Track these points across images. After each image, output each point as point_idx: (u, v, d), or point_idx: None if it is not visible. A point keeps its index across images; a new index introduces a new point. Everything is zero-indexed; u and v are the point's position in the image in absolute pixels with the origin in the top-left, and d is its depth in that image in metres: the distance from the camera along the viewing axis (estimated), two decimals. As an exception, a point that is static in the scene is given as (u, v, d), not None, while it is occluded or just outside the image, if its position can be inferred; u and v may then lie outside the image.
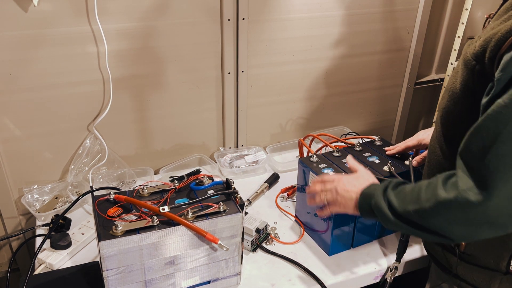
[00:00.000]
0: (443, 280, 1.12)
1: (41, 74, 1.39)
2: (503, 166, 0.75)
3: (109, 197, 1.09)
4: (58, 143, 1.51)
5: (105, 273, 1.01)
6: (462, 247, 1.03)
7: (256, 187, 1.59)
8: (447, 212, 0.82)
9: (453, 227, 0.83)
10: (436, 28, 1.93)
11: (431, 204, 0.84)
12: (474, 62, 0.86)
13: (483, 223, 0.80)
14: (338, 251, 1.31)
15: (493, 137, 0.76)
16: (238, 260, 1.15)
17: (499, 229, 0.81)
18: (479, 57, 0.85)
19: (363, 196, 1.02)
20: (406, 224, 0.91)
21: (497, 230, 0.81)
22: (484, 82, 0.83)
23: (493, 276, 1.01)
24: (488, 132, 0.77)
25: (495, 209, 0.77)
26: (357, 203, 1.03)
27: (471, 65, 0.87)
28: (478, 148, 0.78)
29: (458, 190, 0.80)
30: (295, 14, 1.64)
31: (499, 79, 0.77)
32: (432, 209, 0.84)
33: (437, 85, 2.04)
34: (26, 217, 1.57)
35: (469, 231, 0.83)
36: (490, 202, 0.77)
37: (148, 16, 1.44)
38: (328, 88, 1.85)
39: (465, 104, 0.90)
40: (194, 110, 1.66)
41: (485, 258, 1.00)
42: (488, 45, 0.82)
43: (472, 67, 0.87)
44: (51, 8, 1.32)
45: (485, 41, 0.83)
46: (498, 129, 0.75)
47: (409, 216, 0.89)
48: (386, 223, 0.96)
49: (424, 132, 1.32)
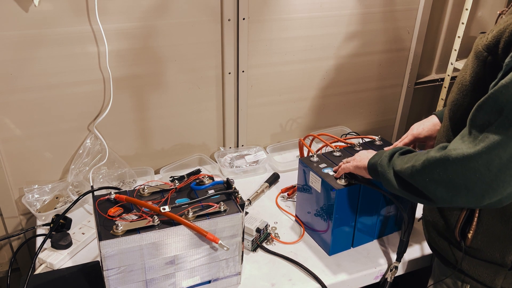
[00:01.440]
0: (447, 276, 1.12)
1: (42, 74, 1.39)
2: (495, 135, 0.78)
3: (109, 197, 1.09)
4: (59, 143, 1.51)
5: (106, 273, 1.01)
6: (468, 241, 1.03)
7: (257, 187, 1.59)
8: (430, 169, 0.86)
9: (434, 187, 0.86)
10: (436, 28, 1.93)
11: (420, 162, 0.89)
12: (486, 53, 0.88)
13: (461, 185, 0.82)
14: (338, 251, 1.31)
15: (497, 112, 0.78)
16: (239, 260, 1.15)
17: (475, 195, 0.82)
18: (491, 48, 0.87)
19: (373, 157, 1.09)
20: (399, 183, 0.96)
21: (474, 196, 0.82)
22: (495, 72, 0.84)
23: (497, 272, 1.01)
24: (493, 108, 0.79)
25: (472, 170, 0.80)
26: (368, 161, 1.10)
27: (482, 57, 0.89)
28: (483, 120, 0.81)
29: (445, 150, 0.84)
30: (295, 14, 1.64)
31: (508, 64, 0.79)
32: (419, 165, 0.89)
33: (437, 85, 2.04)
34: (27, 216, 1.57)
35: (448, 192, 0.85)
36: (469, 163, 0.79)
37: (148, 16, 1.44)
38: (328, 88, 1.85)
39: (474, 97, 0.90)
40: (195, 110, 1.66)
41: (491, 252, 1.00)
42: (502, 36, 0.84)
43: (484, 59, 0.88)
44: (52, 8, 1.32)
45: (498, 32, 0.85)
46: (501, 105, 0.77)
47: (402, 173, 0.94)
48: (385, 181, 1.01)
49: (418, 126, 1.31)
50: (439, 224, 1.10)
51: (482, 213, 1.00)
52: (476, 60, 0.91)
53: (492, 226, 0.99)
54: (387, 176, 0.99)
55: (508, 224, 0.97)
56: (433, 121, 1.28)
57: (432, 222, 1.13)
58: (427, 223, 1.16)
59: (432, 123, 1.28)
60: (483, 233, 1.01)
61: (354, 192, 1.22)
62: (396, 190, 0.98)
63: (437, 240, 1.13)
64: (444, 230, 1.09)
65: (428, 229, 1.16)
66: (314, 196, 1.30)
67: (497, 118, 0.78)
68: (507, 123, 0.77)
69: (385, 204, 1.31)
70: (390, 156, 1.02)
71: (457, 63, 1.84)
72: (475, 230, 1.01)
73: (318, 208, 1.29)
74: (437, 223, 1.11)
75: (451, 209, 1.06)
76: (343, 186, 1.20)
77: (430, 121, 1.29)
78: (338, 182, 1.21)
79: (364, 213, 1.28)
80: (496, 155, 0.77)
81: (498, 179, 0.79)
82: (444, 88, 1.92)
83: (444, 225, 1.09)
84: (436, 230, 1.12)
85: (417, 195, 0.93)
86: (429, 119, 1.30)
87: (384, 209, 1.32)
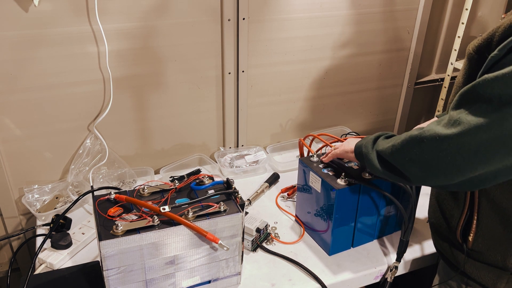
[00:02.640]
0: (451, 278, 1.12)
1: (42, 74, 1.39)
2: (467, 122, 0.81)
3: (109, 197, 1.09)
4: (59, 143, 1.51)
5: (106, 273, 1.01)
6: (470, 244, 1.03)
7: (257, 187, 1.59)
8: (408, 147, 0.90)
9: (410, 165, 0.91)
10: (436, 28, 1.93)
11: (399, 140, 0.93)
12: (476, 55, 0.91)
13: (434, 165, 0.86)
14: (338, 251, 1.31)
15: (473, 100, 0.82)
16: (239, 260, 1.15)
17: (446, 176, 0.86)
18: (481, 50, 0.90)
19: (360, 140, 1.12)
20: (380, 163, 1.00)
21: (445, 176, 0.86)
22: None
23: (500, 275, 1.01)
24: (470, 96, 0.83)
25: (444, 152, 0.83)
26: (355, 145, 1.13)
27: (473, 59, 0.92)
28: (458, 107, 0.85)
29: (421, 130, 0.88)
30: (295, 14, 1.64)
31: (493, 56, 0.83)
32: (399, 144, 0.93)
33: (437, 85, 2.04)
34: (27, 217, 1.57)
35: (422, 172, 0.89)
36: (441, 144, 0.83)
37: (148, 16, 1.44)
38: (328, 88, 1.85)
39: None
40: (195, 110, 1.66)
41: (493, 255, 1.01)
42: (492, 39, 0.87)
43: (474, 60, 0.92)
44: (52, 8, 1.32)
45: (488, 34, 0.88)
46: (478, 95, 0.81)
47: (383, 152, 0.98)
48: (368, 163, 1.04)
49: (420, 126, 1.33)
50: (442, 227, 1.10)
51: (481, 216, 1.00)
52: (467, 62, 0.94)
53: (492, 229, 0.99)
54: (369, 157, 1.03)
55: (507, 226, 0.97)
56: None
57: (436, 224, 1.14)
58: (431, 225, 1.17)
59: None
60: (483, 236, 1.01)
61: (354, 192, 1.22)
62: (378, 171, 1.01)
63: (441, 242, 1.13)
64: (447, 233, 1.09)
65: (433, 231, 1.17)
66: (314, 196, 1.30)
67: (471, 106, 0.82)
68: (479, 112, 0.80)
69: (385, 204, 1.31)
70: (375, 139, 1.07)
71: (457, 63, 1.84)
72: (475, 233, 1.02)
73: (318, 208, 1.29)
74: (440, 226, 1.11)
75: (451, 212, 1.06)
76: (343, 186, 1.20)
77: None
78: (338, 182, 1.21)
79: (364, 213, 1.28)
80: (466, 141, 0.81)
81: (467, 163, 0.82)
82: (444, 88, 1.92)
83: (446, 228, 1.09)
84: (440, 232, 1.13)
85: (396, 174, 0.96)
86: (431, 121, 1.31)
87: (384, 209, 1.32)
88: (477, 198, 1.00)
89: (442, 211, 1.10)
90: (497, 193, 0.96)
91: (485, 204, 0.99)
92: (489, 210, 0.98)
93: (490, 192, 0.97)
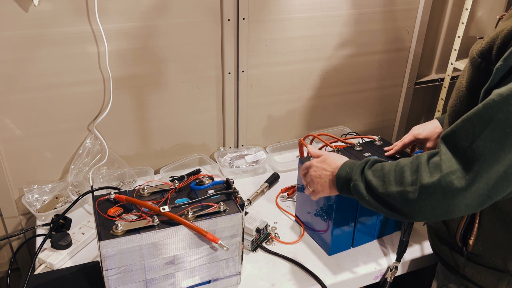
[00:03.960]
0: (450, 281, 1.12)
1: (41, 74, 1.39)
2: (489, 152, 0.77)
3: (109, 197, 1.09)
4: (59, 143, 1.51)
5: (106, 273, 1.01)
6: (470, 247, 1.02)
7: (256, 187, 1.59)
8: (427, 196, 0.83)
9: (430, 210, 0.84)
10: (436, 28, 1.93)
11: (415, 188, 0.85)
12: (480, 59, 0.88)
13: (457, 206, 0.81)
14: (338, 251, 1.31)
15: (484, 123, 0.78)
16: (238, 260, 1.15)
17: (474, 207, 0.82)
18: (484, 55, 0.87)
19: (340, 176, 1.02)
20: (380, 204, 0.92)
21: (472, 208, 0.82)
22: (488, 79, 0.84)
23: (500, 278, 1.01)
24: (480, 119, 0.79)
25: (473, 194, 0.79)
26: (334, 185, 1.04)
27: (476, 63, 0.89)
28: (467, 133, 0.80)
29: (441, 173, 0.81)
30: (295, 14, 1.64)
31: (498, 68, 0.80)
32: (416, 193, 0.85)
33: (437, 85, 2.04)
34: (27, 217, 1.57)
35: (446, 212, 0.84)
36: (472, 187, 0.79)
37: (148, 16, 1.44)
38: (328, 88, 1.85)
39: (470, 103, 0.90)
40: (194, 110, 1.66)
41: (493, 258, 1.00)
42: (495, 42, 0.84)
43: (478, 65, 0.88)
44: (52, 8, 1.32)
45: (491, 38, 0.85)
46: (490, 116, 0.77)
47: (390, 197, 0.89)
48: (363, 202, 0.97)
49: (419, 127, 1.31)
50: (441, 230, 1.10)
51: (482, 219, 0.99)
52: (471, 66, 0.91)
53: (493, 233, 0.99)
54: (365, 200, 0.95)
55: (509, 230, 0.96)
56: (435, 124, 1.29)
57: (434, 228, 1.13)
58: (429, 229, 1.17)
59: (433, 126, 1.29)
60: (484, 239, 1.00)
61: (354, 192, 1.22)
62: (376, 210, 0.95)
63: (439, 245, 1.12)
64: (446, 236, 1.09)
65: (431, 234, 1.16)
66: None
67: (483, 129, 0.78)
68: (497, 134, 0.77)
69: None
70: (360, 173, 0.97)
71: (457, 63, 1.84)
72: (476, 237, 1.01)
73: (318, 208, 1.29)
74: (440, 229, 1.10)
75: None
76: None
77: (432, 124, 1.30)
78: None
79: (364, 213, 1.28)
80: (495, 170, 0.78)
81: (496, 190, 0.80)
82: (444, 88, 1.92)
83: (446, 231, 1.08)
84: (439, 236, 1.12)
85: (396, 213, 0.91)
86: (431, 122, 1.31)
87: (384, 209, 1.31)
88: None
89: None
90: None
91: (487, 208, 0.98)
92: (492, 214, 0.97)
93: None
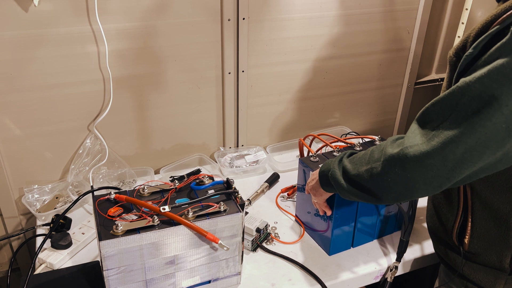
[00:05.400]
0: (450, 280, 1.12)
1: (41, 74, 1.39)
2: (449, 133, 0.79)
3: (109, 197, 1.09)
4: (59, 142, 1.51)
5: (106, 273, 1.01)
6: (466, 246, 1.03)
7: (256, 186, 1.59)
8: (389, 168, 0.87)
9: (393, 185, 0.87)
10: (436, 28, 1.93)
11: (379, 162, 0.89)
12: (455, 58, 0.91)
13: (419, 180, 0.83)
14: (338, 251, 1.31)
15: (451, 107, 0.81)
16: (239, 260, 1.15)
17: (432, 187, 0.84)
18: (459, 53, 0.90)
19: (321, 171, 1.10)
20: (353, 187, 0.96)
21: (432, 188, 0.84)
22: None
23: (498, 276, 1.01)
24: (448, 103, 0.81)
25: (428, 170, 0.81)
26: (319, 183, 1.11)
27: (452, 62, 0.92)
28: (437, 115, 0.83)
29: (403, 146, 0.85)
30: (295, 14, 1.64)
31: (467, 55, 0.83)
32: (379, 166, 0.89)
33: (437, 85, 2.04)
34: (27, 216, 1.57)
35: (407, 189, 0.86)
36: (426, 161, 0.81)
37: (148, 16, 1.44)
38: (328, 88, 1.85)
39: None
40: (194, 110, 1.66)
41: (489, 256, 1.01)
42: (468, 40, 0.87)
43: (454, 64, 0.91)
44: (52, 8, 1.32)
45: (465, 37, 0.89)
46: (455, 101, 0.80)
47: (360, 177, 0.94)
48: (341, 191, 1.01)
49: None
50: (439, 230, 1.11)
51: (475, 217, 1.00)
52: (449, 66, 0.94)
53: (486, 230, 1.00)
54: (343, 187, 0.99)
55: (501, 227, 0.97)
56: None
57: (433, 228, 1.14)
58: (429, 229, 1.18)
59: None
60: (478, 237, 1.01)
61: (354, 192, 1.22)
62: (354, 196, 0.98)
63: (439, 245, 1.14)
64: (444, 236, 1.10)
65: (431, 234, 1.17)
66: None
67: (450, 113, 0.80)
68: (460, 118, 0.79)
69: (385, 204, 1.31)
70: (338, 162, 1.04)
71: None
72: (470, 235, 1.02)
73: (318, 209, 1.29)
74: (438, 229, 1.12)
75: (447, 215, 1.07)
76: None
77: None
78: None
79: (364, 213, 1.28)
80: (451, 151, 0.79)
81: (454, 171, 0.81)
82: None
83: (443, 231, 1.09)
84: (437, 236, 1.13)
85: (368, 194, 0.94)
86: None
87: (384, 209, 1.32)
88: (470, 200, 1.00)
89: (438, 215, 1.11)
90: (487, 194, 0.96)
91: (478, 205, 0.99)
92: (482, 211, 0.99)
93: (482, 194, 0.98)
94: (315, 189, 1.16)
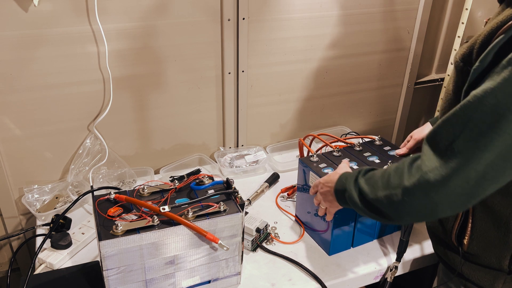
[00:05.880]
0: (449, 280, 1.13)
1: (41, 74, 1.39)
2: (466, 151, 0.77)
3: (109, 197, 1.09)
4: (59, 142, 1.51)
5: (106, 273, 1.01)
6: (465, 247, 1.03)
7: (256, 186, 1.59)
8: (411, 198, 0.83)
9: (415, 211, 0.84)
10: (436, 28, 1.93)
11: (400, 188, 0.85)
12: (462, 63, 0.89)
13: (443, 202, 0.81)
14: (338, 251, 1.31)
15: (462, 124, 0.78)
16: (238, 260, 1.15)
17: (458, 206, 0.82)
18: (465, 58, 0.88)
19: (336, 189, 1.05)
20: (372, 212, 0.93)
21: (457, 207, 0.82)
22: None
23: (497, 276, 1.01)
24: (459, 119, 0.79)
25: (452, 191, 0.79)
26: (335, 197, 1.07)
27: (459, 67, 0.90)
28: (448, 133, 0.81)
29: (421, 172, 0.82)
30: (295, 14, 1.64)
31: (475, 68, 0.81)
32: (401, 193, 0.85)
33: (437, 85, 2.04)
34: (27, 216, 1.57)
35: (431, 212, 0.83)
36: (449, 183, 0.79)
37: (148, 16, 1.44)
38: (328, 88, 1.85)
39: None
40: (194, 110, 1.66)
41: (488, 257, 1.01)
42: (474, 46, 0.86)
43: (460, 69, 0.90)
44: (52, 8, 1.32)
45: (471, 42, 0.88)
46: (467, 116, 0.78)
47: (378, 202, 0.90)
48: (358, 210, 0.98)
49: (418, 131, 1.34)
50: (439, 230, 1.11)
51: (475, 219, 1.00)
52: (455, 70, 0.93)
53: (486, 232, 1.00)
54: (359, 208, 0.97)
55: (501, 229, 0.97)
56: (430, 127, 1.32)
57: (432, 228, 1.14)
58: (428, 229, 1.18)
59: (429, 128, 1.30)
60: (477, 238, 1.01)
61: (354, 192, 1.22)
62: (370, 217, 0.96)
63: (438, 245, 1.14)
64: (443, 236, 1.10)
65: (430, 234, 1.17)
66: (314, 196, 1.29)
67: (462, 130, 0.78)
68: (475, 134, 0.77)
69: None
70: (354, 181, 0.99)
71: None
72: (470, 236, 1.02)
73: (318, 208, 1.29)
74: (437, 229, 1.12)
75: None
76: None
77: (427, 127, 1.33)
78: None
79: (364, 213, 1.28)
80: (472, 168, 0.77)
81: (478, 188, 0.79)
82: (444, 88, 1.92)
83: (442, 231, 1.10)
84: (436, 236, 1.13)
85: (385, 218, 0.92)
86: (426, 125, 1.35)
87: (384, 209, 1.32)
88: None
89: None
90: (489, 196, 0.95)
91: (478, 207, 0.99)
92: (483, 213, 0.99)
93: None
94: (329, 200, 1.11)
